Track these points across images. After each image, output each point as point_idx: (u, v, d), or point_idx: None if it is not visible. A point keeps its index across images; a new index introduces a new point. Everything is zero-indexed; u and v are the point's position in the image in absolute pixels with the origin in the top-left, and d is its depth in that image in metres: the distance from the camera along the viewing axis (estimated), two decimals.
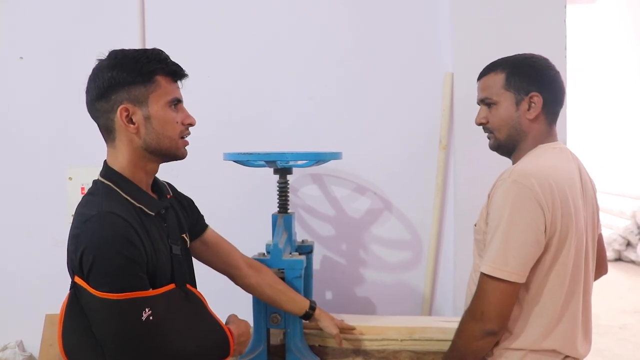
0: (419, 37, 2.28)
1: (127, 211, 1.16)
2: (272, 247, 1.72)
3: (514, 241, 1.23)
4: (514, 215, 1.23)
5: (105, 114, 1.22)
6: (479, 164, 2.08)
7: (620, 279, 5.37)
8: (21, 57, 2.40)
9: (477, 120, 1.45)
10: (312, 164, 1.89)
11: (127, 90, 1.19)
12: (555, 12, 2.11)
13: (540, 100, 1.34)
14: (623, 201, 6.40)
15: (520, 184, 1.24)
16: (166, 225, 1.29)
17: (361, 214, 2.34)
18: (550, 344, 1.30)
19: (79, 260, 1.09)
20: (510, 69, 1.37)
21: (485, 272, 1.25)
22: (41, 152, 2.41)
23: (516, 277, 1.23)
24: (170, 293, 1.20)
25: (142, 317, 1.09)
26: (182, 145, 1.28)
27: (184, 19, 2.35)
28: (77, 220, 1.15)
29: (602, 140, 7.56)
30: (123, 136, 1.21)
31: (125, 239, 1.10)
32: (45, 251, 2.41)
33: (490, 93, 1.39)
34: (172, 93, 1.24)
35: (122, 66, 1.19)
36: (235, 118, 2.33)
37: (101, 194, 1.18)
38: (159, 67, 1.22)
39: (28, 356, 2.39)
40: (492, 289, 1.24)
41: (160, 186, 1.36)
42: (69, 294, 1.17)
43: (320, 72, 2.32)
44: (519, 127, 1.36)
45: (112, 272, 1.08)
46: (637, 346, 3.66)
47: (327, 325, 1.72)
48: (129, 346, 1.11)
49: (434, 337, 1.81)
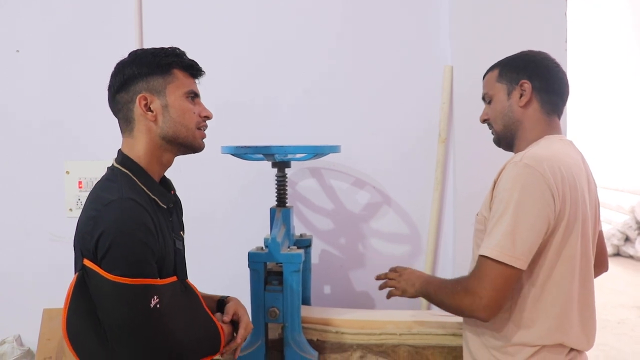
0: (418, 30, 2.26)
1: (144, 200, 1.19)
2: (270, 241, 1.71)
3: (523, 225, 1.20)
4: (525, 198, 1.21)
5: (126, 104, 1.25)
6: (478, 157, 2.08)
7: (618, 273, 5.38)
8: (17, 51, 2.38)
9: (480, 118, 1.49)
10: (310, 158, 1.88)
11: (146, 81, 1.24)
12: (556, 5, 2.10)
13: (529, 86, 1.35)
14: (622, 196, 6.41)
15: (533, 168, 1.22)
16: (171, 220, 1.33)
17: (360, 207, 2.33)
18: (556, 338, 1.29)
19: (95, 242, 1.10)
20: (504, 64, 1.42)
21: (490, 255, 1.21)
22: (38, 146, 2.40)
23: (521, 263, 1.20)
24: (173, 285, 1.23)
25: (150, 304, 1.11)
26: (200, 136, 1.32)
27: (181, 13, 2.34)
28: (95, 202, 1.16)
29: (601, 135, 7.56)
30: (142, 125, 1.25)
31: (145, 226, 1.13)
32: (42, 246, 2.41)
33: (487, 89, 1.45)
34: (189, 86, 1.29)
35: (141, 60, 1.25)
36: (232, 112, 2.32)
37: (120, 180, 1.20)
38: (176, 61, 1.28)
39: (26, 351, 2.39)
40: (496, 274, 1.21)
41: (167, 181, 1.39)
42: (76, 276, 1.17)
43: (319, 65, 2.30)
44: (512, 115, 1.38)
45: (129, 257, 1.10)
46: (635, 340, 3.68)
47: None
48: (134, 331, 1.12)
49: (433, 331, 1.80)
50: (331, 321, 1.85)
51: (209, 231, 2.35)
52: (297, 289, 1.71)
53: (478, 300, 1.22)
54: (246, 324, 1.38)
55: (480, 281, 1.23)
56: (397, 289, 1.58)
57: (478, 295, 1.22)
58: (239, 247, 1.97)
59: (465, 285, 1.27)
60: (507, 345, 1.32)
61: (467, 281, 1.27)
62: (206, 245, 2.33)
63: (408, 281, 1.56)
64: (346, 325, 1.84)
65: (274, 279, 1.74)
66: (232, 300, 1.45)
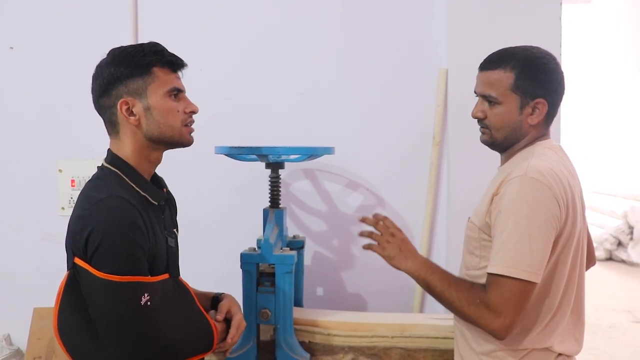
0: (413, 33, 2.26)
1: (134, 198, 1.19)
2: (263, 242, 1.71)
3: (538, 241, 1.18)
4: (535, 213, 1.19)
5: (109, 109, 1.25)
6: (472, 160, 2.08)
7: (611, 278, 5.41)
8: (11, 47, 2.37)
9: (474, 113, 1.38)
10: (304, 159, 1.88)
11: (126, 84, 1.22)
12: (551, 9, 2.11)
13: (545, 107, 1.30)
14: (615, 201, 6.44)
15: (540, 182, 1.20)
16: (163, 217, 1.33)
17: (353, 209, 2.33)
18: (546, 342, 1.29)
19: (84, 240, 1.11)
20: (521, 69, 1.29)
21: (513, 275, 1.17)
22: (31, 144, 2.38)
23: (538, 277, 1.19)
24: (165, 282, 1.23)
25: (141, 302, 1.12)
26: (187, 132, 1.30)
27: (177, 11, 2.33)
28: (84, 202, 1.17)
29: (594, 141, 7.60)
30: (126, 129, 1.24)
31: (135, 223, 1.14)
32: (34, 245, 2.40)
33: (494, 92, 1.31)
34: (171, 83, 1.26)
35: (119, 62, 1.22)
36: (227, 112, 2.31)
37: (110, 179, 1.21)
38: (155, 59, 1.24)
39: (15, 350, 2.37)
40: (519, 292, 1.18)
41: (159, 179, 1.39)
42: (67, 275, 1.18)
43: (314, 67, 2.30)
44: (519, 130, 1.33)
45: (118, 255, 1.11)
46: (626, 344, 3.69)
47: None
48: (124, 329, 1.12)
49: (425, 334, 1.80)
50: (323, 323, 1.85)
51: (202, 231, 2.34)
52: (289, 291, 1.71)
53: (502, 320, 1.18)
54: (238, 322, 1.37)
55: (504, 300, 1.18)
56: (383, 250, 1.43)
57: (503, 315, 1.18)
58: (232, 247, 1.96)
59: (486, 301, 1.21)
60: (497, 350, 1.32)
61: (487, 297, 1.21)
62: (199, 245, 2.32)
63: (401, 251, 1.41)
64: (338, 327, 1.84)
65: (266, 280, 1.74)
66: (226, 297, 1.44)
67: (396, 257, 1.42)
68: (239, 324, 1.37)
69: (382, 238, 1.45)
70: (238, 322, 1.37)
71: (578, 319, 1.36)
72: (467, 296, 1.25)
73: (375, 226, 1.48)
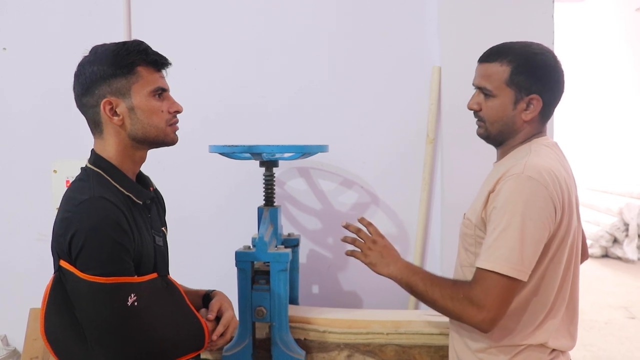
0: (406, 31, 2.27)
1: (117, 198, 1.18)
2: (257, 240, 1.71)
3: (529, 239, 1.19)
4: (530, 212, 1.20)
5: (92, 108, 1.23)
6: (466, 157, 2.08)
7: (606, 275, 5.43)
8: (4, 48, 2.37)
9: (469, 104, 1.38)
10: (298, 157, 1.89)
11: (109, 84, 1.21)
12: (543, 7, 2.11)
13: (539, 104, 1.30)
14: (610, 198, 6.46)
15: (536, 180, 1.21)
16: (150, 216, 1.32)
17: (348, 207, 2.33)
18: (540, 338, 1.29)
19: (68, 243, 1.10)
20: (517, 64, 1.29)
21: (500, 271, 1.18)
22: (25, 145, 2.38)
23: (526, 275, 1.20)
24: (153, 281, 1.22)
25: (127, 303, 1.11)
26: (171, 131, 1.29)
27: (171, 11, 2.33)
28: (67, 204, 1.16)
29: (590, 138, 7.62)
30: (110, 129, 1.23)
31: (117, 224, 1.12)
32: (30, 245, 2.39)
33: (490, 84, 1.32)
34: (155, 83, 1.25)
35: (102, 60, 1.21)
36: (221, 111, 2.32)
37: (92, 180, 1.19)
38: (139, 58, 1.22)
39: (12, 350, 2.37)
40: (504, 287, 1.19)
41: (144, 178, 1.38)
42: (52, 278, 1.17)
43: (308, 65, 2.30)
44: (512, 125, 1.33)
45: (102, 256, 1.10)
46: (621, 341, 3.70)
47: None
48: (112, 330, 1.12)
49: (420, 330, 1.81)
50: (318, 320, 1.85)
51: (197, 230, 2.34)
52: (284, 288, 1.71)
53: (485, 314, 1.20)
54: (227, 320, 1.36)
55: (488, 295, 1.20)
56: (365, 257, 1.44)
57: (486, 309, 1.20)
58: (227, 246, 1.96)
59: (470, 296, 1.22)
60: (492, 347, 1.33)
61: (470, 291, 1.23)
62: (193, 244, 2.32)
63: (383, 258, 1.42)
64: (333, 324, 1.84)
65: (261, 278, 1.74)
66: (217, 294, 1.44)
67: (378, 264, 1.42)
68: (228, 322, 1.36)
69: (365, 245, 1.46)
70: (228, 319, 1.36)
71: (573, 315, 1.37)
72: (450, 292, 1.27)
73: (358, 234, 1.47)
